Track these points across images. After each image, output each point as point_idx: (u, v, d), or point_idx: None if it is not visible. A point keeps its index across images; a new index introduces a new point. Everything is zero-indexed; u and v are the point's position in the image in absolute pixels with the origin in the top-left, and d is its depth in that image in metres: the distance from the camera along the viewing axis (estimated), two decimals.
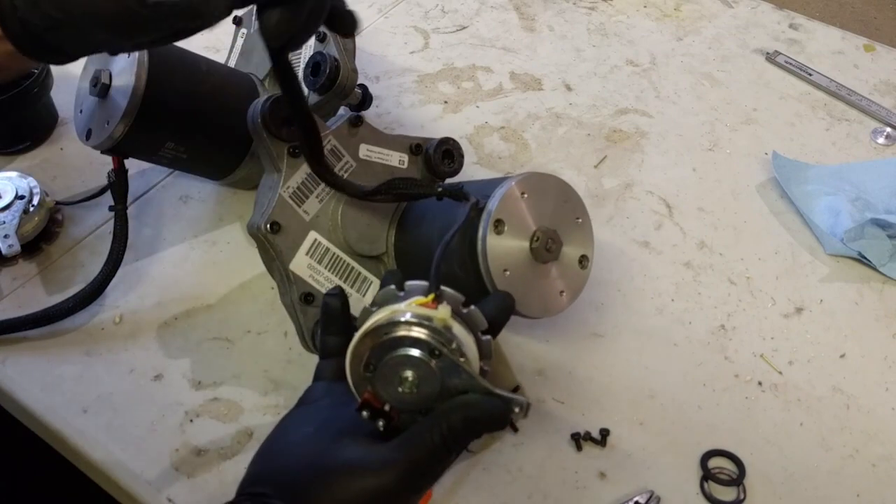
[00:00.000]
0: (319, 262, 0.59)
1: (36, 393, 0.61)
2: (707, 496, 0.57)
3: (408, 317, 0.44)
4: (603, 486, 0.57)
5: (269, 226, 0.57)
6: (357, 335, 0.45)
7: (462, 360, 0.44)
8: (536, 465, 0.58)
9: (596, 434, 0.59)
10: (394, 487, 0.42)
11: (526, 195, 0.53)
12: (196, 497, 0.56)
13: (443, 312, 0.45)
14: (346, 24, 0.46)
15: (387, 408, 0.45)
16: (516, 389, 0.62)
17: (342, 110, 0.79)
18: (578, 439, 0.59)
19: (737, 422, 0.61)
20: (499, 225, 0.51)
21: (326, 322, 0.53)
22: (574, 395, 0.62)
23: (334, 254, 0.60)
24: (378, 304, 0.47)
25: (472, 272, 0.52)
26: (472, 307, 0.47)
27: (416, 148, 0.64)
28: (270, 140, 0.58)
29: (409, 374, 0.44)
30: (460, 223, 0.50)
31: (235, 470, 0.57)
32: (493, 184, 0.54)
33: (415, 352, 0.44)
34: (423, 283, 0.47)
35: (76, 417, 0.60)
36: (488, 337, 0.47)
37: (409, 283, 0.47)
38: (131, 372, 0.62)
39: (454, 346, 0.44)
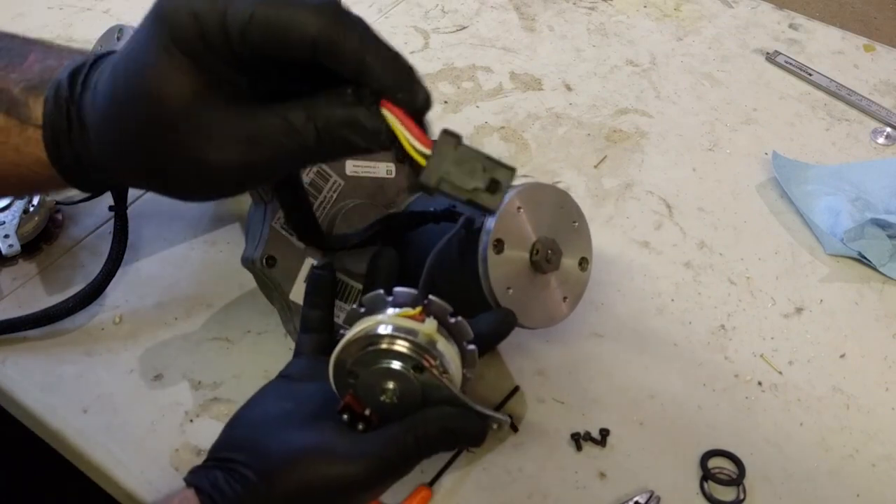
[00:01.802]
0: None
1: (36, 393, 0.61)
2: (707, 496, 0.57)
3: (393, 330, 0.44)
4: (603, 486, 0.57)
5: (264, 261, 0.56)
6: (342, 342, 0.45)
7: (444, 375, 0.45)
8: (536, 465, 0.58)
9: (596, 434, 0.59)
10: (360, 479, 0.43)
11: (522, 209, 0.53)
12: None
13: (428, 327, 0.45)
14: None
15: (367, 412, 0.45)
16: (516, 390, 0.62)
17: None
18: (578, 439, 0.59)
19: (737, 422, 0.61)
20: (498, 244, 0.51)
21: (312, 295, 0.53)
22: (574, 395, 0.62)
23: None
24: (365, 306, 0.47)
25: (475, 292, 0.52)
26: (459, 318, 0.47)
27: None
28: None
29: (391, 384, 0.45)
30: (450, 236, 0.50)
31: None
32: None
33: (398, 365, 0.44)
34: (412, 290, 0.47)
35: (76, 417, 0.60)
36: (473, 347, 0.47)
37: (398, 289, 0.47)
38: (131, 372, 0.62)
39: (437, 362, 0.44)
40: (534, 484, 0.57)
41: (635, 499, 0.56)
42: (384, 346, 0.44)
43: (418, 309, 0.46)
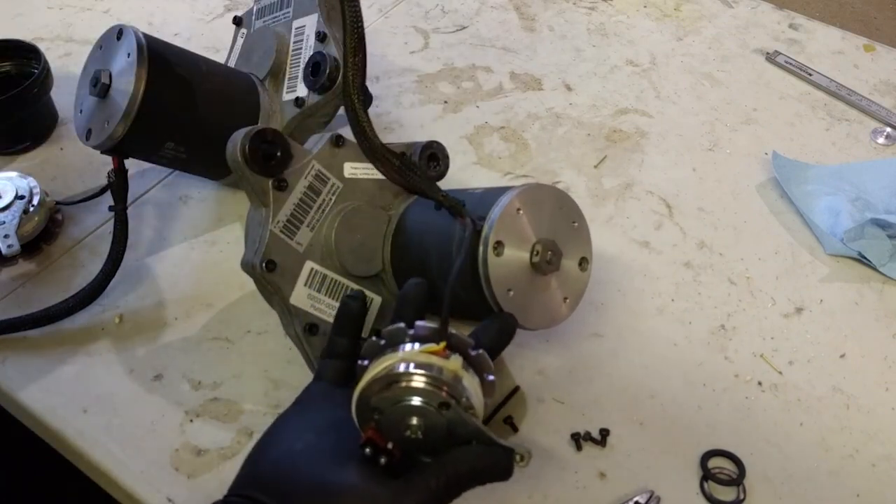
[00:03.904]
0: (319, 291, 0.58)
1: (36, 393, 0.61)
2: (707, 496, 0.57)
3: (417, 367, 0.44)
4: (603, 486, 0.57)
5: (264, 265, 0.56)
6: (365, 379, 0.45)
7: (470, 411, 0.45)
8: (536, 465, 0.58)
9: (596, 434, 0.59)
10: None
11: (521, 211, 0.52)
12: (196, 497, 0.56)
13: (454, 364, 0.45)
14: None
15: (389, 445, 0.45)
16: (516, 390, 0.62)
17: (342, 110, 0.79)
18: (578, 439, 0.59)
19: (737, 422, 0.61)
20: (498, 246, 0.51)
21: (340, 323, 0.53)
22: (574, 395, 0.62)
23: (332, 279, 0.59)
24: (385, 338, 0.47)
25: (475, 293, 0.52)
26: (481, 351, 0.47)
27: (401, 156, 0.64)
28: (253, 176, 0.56)
29: (415, 420, 0.44)
30: (464, 257, 0.50)
31: (235, 470, 0.56)
32: (488, 197, 0.54)
33: (423, 402, 0.44)
34: (433, 325, 0.47)
35: (76, 417, 0.60)
36: (493, 377, 0.47)
37: (420, 322, 0.47)
38: (131, 372, 0.62)
39: (464, 399, 0.44)
40: (534, 484, 0.57)
41: (635, 499, 0.56)
42: (409, 383, 0.44)
43: (442, 345, 0.46)
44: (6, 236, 0.67)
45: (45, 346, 0.64)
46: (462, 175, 0.77)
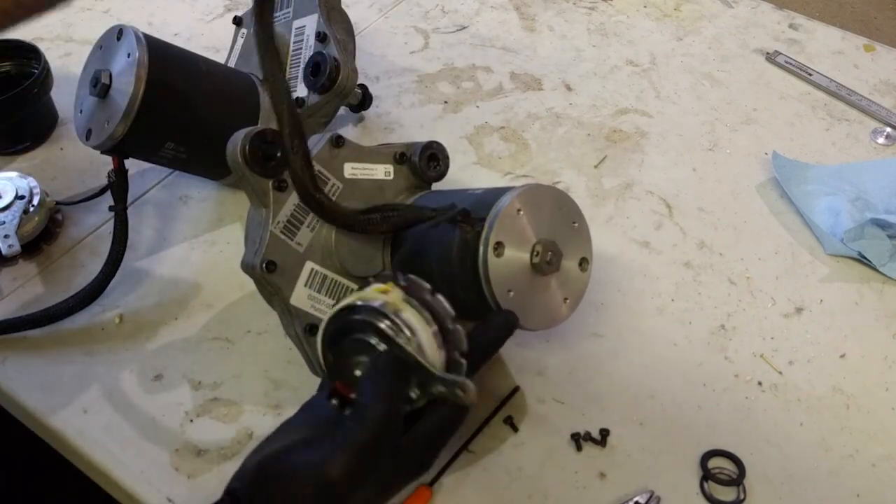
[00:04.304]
0: (319, 291, 0.58)
1: (36, 393, 0.61)
2: (707, 496, 0.57)
3: (358, 300, 0.46)
4: (603, 486, 0.57)
5: (264, 266, 0.56)
6: (322, 324, 0.47)
7: (408, 342, 0.45)
8: (536, 465, 0.58)
9: (596, 434, 0.59)
10: (335, 479, 0.42)
11: (521, 211, 0.53)
12: (196, 497, 0.56)
13: (392, 297, 0.46)
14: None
15: (353, 396, 0.45)
16: (516, 390, 0.62)
17: (342, 110, 0.80)
18: (578, 439, 0.59)
19: (737, 422, 0.61)
20: (498, 247, 0.51)
21: None
22: (574, 395, 0.62)
23: (333, 280, 0.59)
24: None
25: (476, 294, 0.52)
26: (438, 295, 0.47)
27: (401, 157, 0.63)
28: (253, 177, 0.56)
29: (363, 358, 0.45)
30: (440, 219, 0.52)
31: (235, 470, 0.57)
32: (487, 198, 0.54)
33: (365, 336, 0.45)
34: (389, 272, 0.48)
35: (76, 417, 0.60)
36: (458, 326, 0.47)
37: (383, 271, 0.48)
38: (131, 372, 0.62)
39: (403, 330, 0.45)
40: (534, 484, 0.57)
41: (635, 499, 0.56)
42: (353, 317, 0.46)
43: (389, 284, 0.47)
44: (6, 236, 0.67)
45: (45, 346, 0.64)
46: (462, 175, 0.77)
